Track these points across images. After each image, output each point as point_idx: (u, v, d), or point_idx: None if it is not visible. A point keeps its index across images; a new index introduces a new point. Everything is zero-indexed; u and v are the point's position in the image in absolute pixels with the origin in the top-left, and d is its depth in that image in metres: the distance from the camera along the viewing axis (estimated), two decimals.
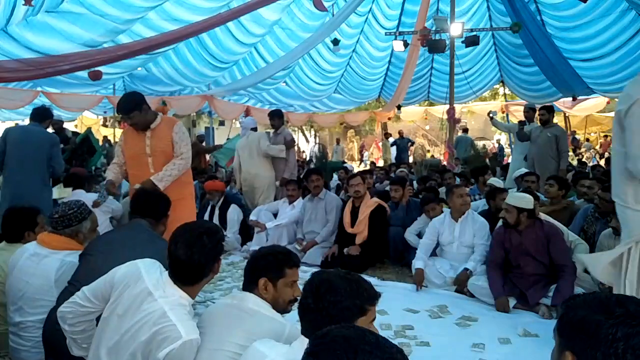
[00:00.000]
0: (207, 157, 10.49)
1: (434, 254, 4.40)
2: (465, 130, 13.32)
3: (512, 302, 3.58)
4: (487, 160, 10.97)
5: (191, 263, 1.77)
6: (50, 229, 2.60)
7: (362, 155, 23.49)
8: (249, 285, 1.90)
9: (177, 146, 3.52)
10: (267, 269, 1.87)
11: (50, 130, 6.02)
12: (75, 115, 13.44)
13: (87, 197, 4.48)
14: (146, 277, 1.78)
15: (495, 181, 5.43)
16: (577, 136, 18.25)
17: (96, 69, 7.63)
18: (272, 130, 6.40)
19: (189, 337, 1.63)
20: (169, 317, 1.66)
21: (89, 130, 7.46)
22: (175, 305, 1.71)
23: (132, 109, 3.40)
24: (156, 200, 2.61)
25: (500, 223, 3.86)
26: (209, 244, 1.81)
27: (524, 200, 3.61)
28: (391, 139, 15.76)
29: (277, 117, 6.27)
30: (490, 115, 8.27)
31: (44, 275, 2.41)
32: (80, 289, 1.89)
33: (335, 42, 10.36)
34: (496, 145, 18.23)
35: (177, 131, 3.55)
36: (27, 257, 2.49)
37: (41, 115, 4.83)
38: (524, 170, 6.11)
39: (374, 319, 1.51)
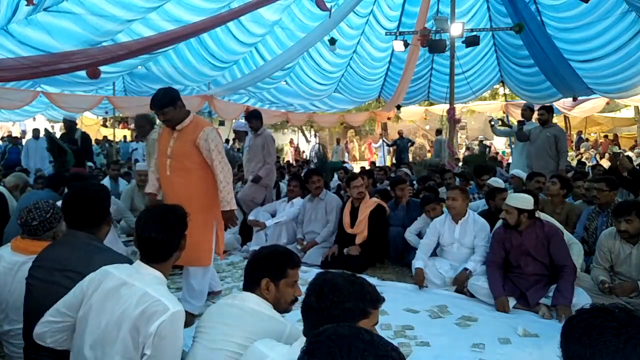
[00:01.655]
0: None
1: (434, 254, 4.41)
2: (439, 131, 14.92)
3: (512, 302, 3.58)
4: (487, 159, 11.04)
5: (160, 239, 1.84)
6: (25, 235, 2.51)
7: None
8: (251, 285, 1.91)
9: (208, 155, 3.25)
10: (269, 270, 1.89)
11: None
12: (75, 116, 13.41)
13: None
14: (116, 272, 1.80)
15: (494, 181, 5.43)
16: (582, 136, 18.17)
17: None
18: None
19: (176, 309, 1.67)
20: (152, 295, 1.69)
21: (46, 131, 7.48)
22: (154, 284, 1.75)
23: (166, 104, 3.17)
24: (86, 209, 2.18)
25: (500, 223, 3.87)
26: (174, 220, 1.90)
27: (524, 201, 3.61)
28: (382, 139, 15.83)
29: (254, 119, 5.89)
30: (492, 122, 8.30)
31: (24, 282, 2.29)
32: (52, 308, 1.84)
33: (332, 41, 10.37)
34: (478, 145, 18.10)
35: (204, 137, 3.22)
36: (4, 266, 2.44)
37: (54, 182, 4.69)
38: (517, 171, 6.12)
39: (376, 323, 1.50)
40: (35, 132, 11.50)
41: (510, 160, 10.51)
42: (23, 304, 2.13)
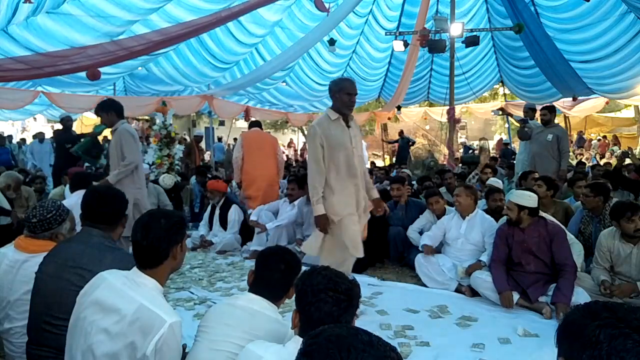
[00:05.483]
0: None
1: (438, 251, 4.41)
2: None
3: (515, 297, 3.58)
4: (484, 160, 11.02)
5: (150, 244, 1.74)
6: (27, 233, 2.49)
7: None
8: (277, 294, 1.95)
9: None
10: (289, 285, 1.92)
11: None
12: (75, 116, 13.41)
13: None
14: (111, 279, 1.76)
15: (494, 181, 5.43)
16: (584, 136, 18.10)
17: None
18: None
19: (172, 320, 1.62)
20: (148, 307, 1.64)
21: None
22: (149, 296, 1.70)
23: None
24: (106, 206, 2.21)
25: (503, 220, 3.89)
26: (165, 226, 1.77)
27: (526, 198, 3.63)
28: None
29: (103, 112, 4.24)
30: (493, 113, 8.30)
31: (25, 281, 2.32)
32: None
33: (332, 42, 10.38)
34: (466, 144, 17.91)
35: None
36: (7, 264, 2.43)
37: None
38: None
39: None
40: (40, 135, 11.47)
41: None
42: (30, 298, 2.14)
